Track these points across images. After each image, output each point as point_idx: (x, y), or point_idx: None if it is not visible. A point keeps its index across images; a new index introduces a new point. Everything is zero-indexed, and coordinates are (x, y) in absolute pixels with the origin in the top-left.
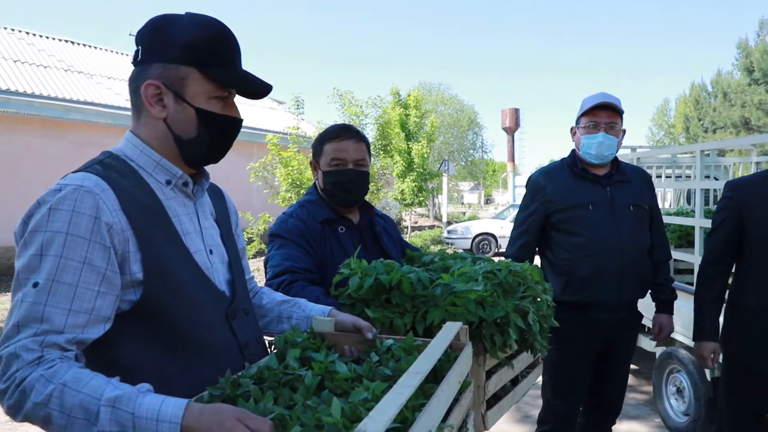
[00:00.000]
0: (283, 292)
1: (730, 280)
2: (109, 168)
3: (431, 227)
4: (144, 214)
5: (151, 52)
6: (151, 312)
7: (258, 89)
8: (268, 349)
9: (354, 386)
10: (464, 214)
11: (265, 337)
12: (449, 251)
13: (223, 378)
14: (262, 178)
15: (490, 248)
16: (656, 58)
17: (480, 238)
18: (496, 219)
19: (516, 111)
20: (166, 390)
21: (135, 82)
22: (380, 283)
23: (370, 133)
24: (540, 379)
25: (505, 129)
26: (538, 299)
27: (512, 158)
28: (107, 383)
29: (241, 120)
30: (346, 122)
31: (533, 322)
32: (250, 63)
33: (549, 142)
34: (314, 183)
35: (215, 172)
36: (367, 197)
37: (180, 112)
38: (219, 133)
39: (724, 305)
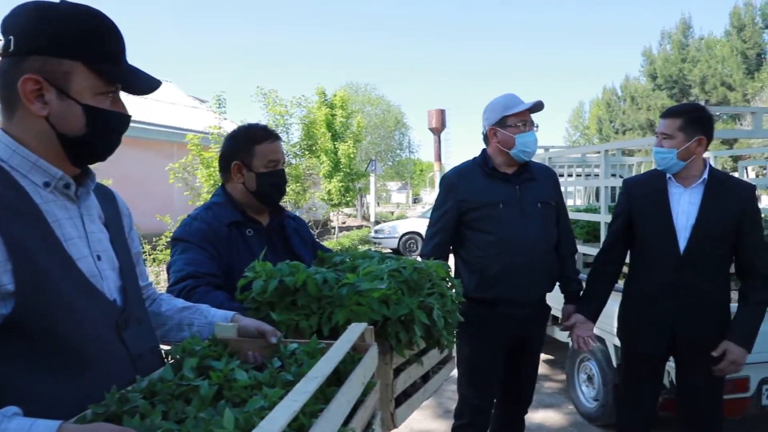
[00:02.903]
0: (185, 298)
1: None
2: None
3: (359, 227)
4: (16, 220)
5: (27, 43)
6: (26, 326)
7: (146, 85)
8: (166, 360)
9: (254, 394)
10: (393, 213)
11: (164, 347)
12: (374, 251)
13: (109, 394)
14: (182, 179)
15: (417, 247)
16: (573, 63)
17: (407, 237)
18: (422, 218)
19: (442, 112)
20: (47, 412)
21: (7, 76)
22: (285, 285)
23: (296, 133)
24: (456, 374)
25: (431, 129)
26: (445, 295)
27: (439, 158)
28: None
29: (130, 116)
30: (271, 122)
31: (438, 318)
32: (171, 60)
33: (474, 141)
34: (222, 185)
35: (132, 172)
36: (294, 198)
37: (65, 109)
38: (108, 130)
39: (621, 295)
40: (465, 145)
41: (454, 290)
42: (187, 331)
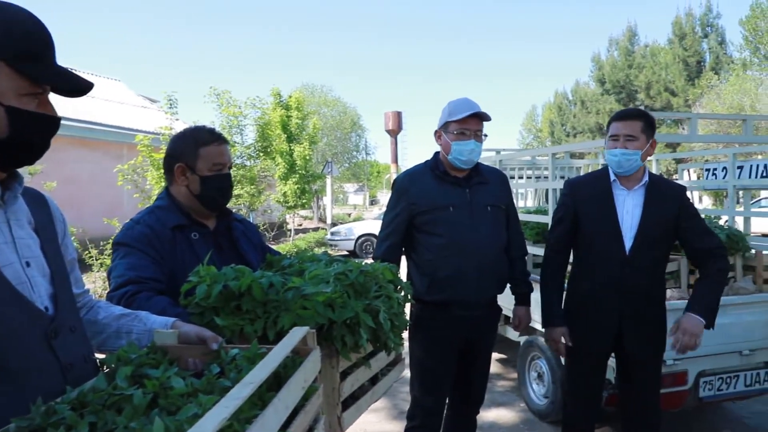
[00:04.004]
0: (126, 304)
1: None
2: None
3: (316, 229)
4: None
5: None
6: None
7: (76, 87)
8: (101, 369)
9: (190, 402)
10: (350, 215)
11: (100, 356)
12: (332, 253)
13: (35, 406)
14: (132, 181)
15: (373, 248)
16: (527, 67)
17: (363, 238)
18: (378, 220)
19: (398, 114)
20: None
21: None
22: (229, 289)
23: (250, 134)
24: (409, 377)
25: (388, 131)
26: (391, 298)
27: (395, 160)
28: None
29: (59, 118)
30: (224, 123)
31: (384, 320)
32: (120, 58)
33: (430, 144)
34: (165, 188)
35: (80, 174)
36: (249, 200)
37: None
38: (33, 133)
39: (565, 292)
40: (422, 146)
41: (402, 292)
42: (125, 339)
